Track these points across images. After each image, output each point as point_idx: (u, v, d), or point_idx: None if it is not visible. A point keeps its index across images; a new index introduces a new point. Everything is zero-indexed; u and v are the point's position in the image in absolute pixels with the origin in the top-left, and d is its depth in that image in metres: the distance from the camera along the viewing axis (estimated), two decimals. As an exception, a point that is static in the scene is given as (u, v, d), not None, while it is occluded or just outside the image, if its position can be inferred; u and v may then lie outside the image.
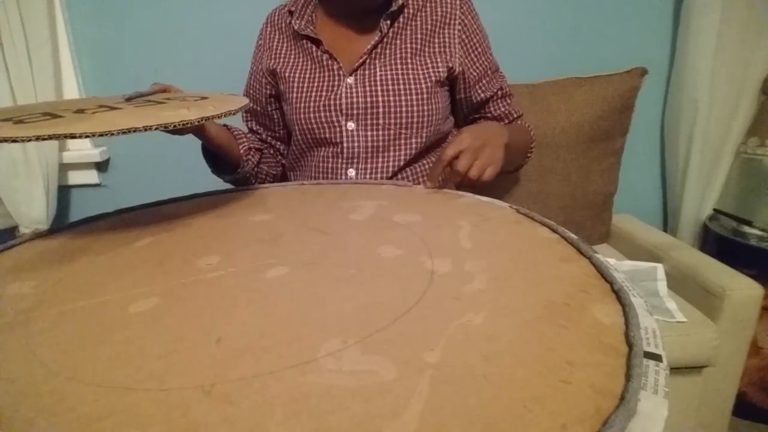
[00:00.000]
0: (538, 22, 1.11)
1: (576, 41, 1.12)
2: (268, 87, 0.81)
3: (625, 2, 1.10)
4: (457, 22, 0.74)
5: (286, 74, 0.77)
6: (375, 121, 0.73)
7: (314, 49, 0.76)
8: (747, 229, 1.02)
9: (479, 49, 0.77)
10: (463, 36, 0.75)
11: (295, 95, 0.76)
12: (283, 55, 0.78)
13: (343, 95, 0.73)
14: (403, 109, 0.72)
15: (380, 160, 0.75)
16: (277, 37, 0.80)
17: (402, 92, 0.72)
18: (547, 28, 1.12)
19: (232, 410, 0.23)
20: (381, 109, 0.72)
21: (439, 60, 0.74)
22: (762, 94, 1.07)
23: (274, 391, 0.25)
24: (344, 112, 0.73)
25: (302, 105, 0.75)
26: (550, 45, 1.12)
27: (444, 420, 0.22)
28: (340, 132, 0.74)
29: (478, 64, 0.77)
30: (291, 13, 0.77)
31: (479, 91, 0.79)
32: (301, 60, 0.77)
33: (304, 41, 0.76)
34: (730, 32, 1.02)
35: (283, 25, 0.80)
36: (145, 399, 0.24)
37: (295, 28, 0.75)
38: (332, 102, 0.73)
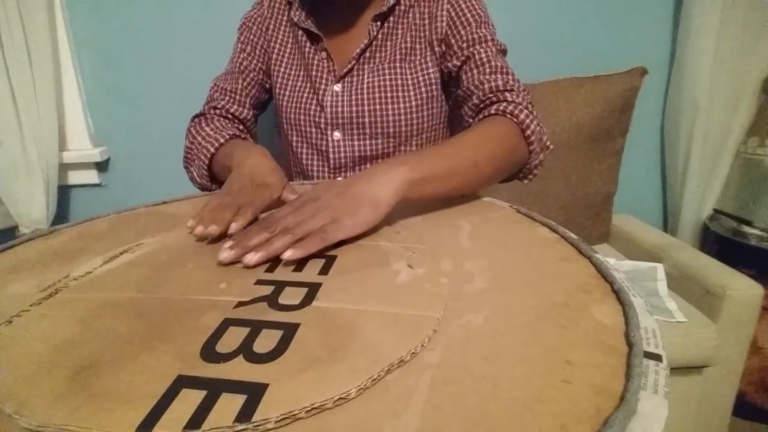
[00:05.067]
0: (537, 23, 1.11)
1: (576, 41, 1.12)
2: (263, 68, 0.77)
3: (625, 2, 1.10)
4: (445, 2, 0.68)
5: (276, 69, 0.75)
6: (361, 131, 0.70)
7: (308, 45, 0.73)
8: (747, 229, 1.02)
9: (462, 18, 0.67)
10: (452, 12, 0.68)
11: (283, 93, 0.74)
12: (278, 43, 0.75)
13: (329, 104, 0.70)
14: (390, 119, 0.69)
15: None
16: (274, 19, 0.76)
17: (390, 101, 0.68)
18: (547, 28, 1.12)
19: None
20: (367, 119, 0.69)
21: (429, 59, 0.69)
22: (762, 93, 1.07)
23: (274, 391, 0.24)
24: (330, 121, 0.70)
25: (292, 106, 0.73)
26: (550, 45, 1.12)
27: (444, 420, 0.22)
28: (326, 141, 0.72)
29: (462, 33, 0.67)
30: (290, 3, 0.74)
31: (454, 59, 0.67)
32: (294, 56, 0.74)
33: (300, 33, 0.73)
34: (730, 32, 1.02)
35: (280, 6, 0.76)
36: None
37: (295, 20, 0.72)
38: (318, 110, 0.71)
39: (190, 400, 0.24)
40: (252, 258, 0.39)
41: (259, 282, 0.37)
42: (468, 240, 0.44)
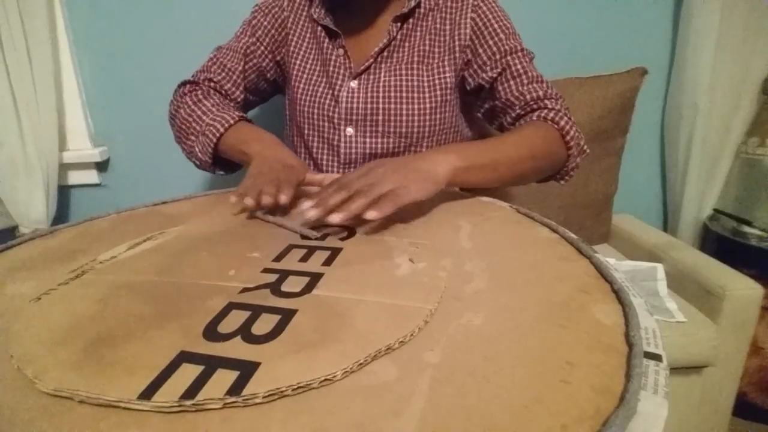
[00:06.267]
0: (538, 23, 1.11)
1: (576, 41, 1.12)
2: (269, 56, 0.77)
3: (625, 2, 1.10)
4: (469, 10, 0.69)
5: (293, 61, 0.76)
6: (374, 129, 0.71)
7: (326, 41, 0.74)
8: (747, 229, 1.02)
9: (490, 29, 0.69)
10: (477, 21, 0.69)
11: (298, 85, 0.75)
12: (296, 35, 0.76)
13: (344, 100, 0.71)
14: (404, 118, 0.70)
15: None
16: (294, 12, 0.77)
17: (404, 100, 0.69)
18: (547, 29, 1.12)
19: (232, 410, 0.23)
20: (381, 117, 0.70)
21: (446, 64, 0.71)
22: (762, 94, 1.07)
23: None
24: (343, 116, 0.71)
25: (307, 98, 0.74)
26: (550, 45, 1.12)
27: (444, 420, 0.22)
28: (338, 136, 0.72)
29: (490, 43, 0.68)
30: (311, 0, 0.75)
31: (488, 71, 0.68)
32: (312, 50, 0.75)
33: (319, 29, 0.74)
34: (730, 32, 1.02)
35: (300, 1, 0.77)
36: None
37: (315, 16, 0.73)
38: (332, 105, 0.72)
39: (188, 373, 0.26)
40: (336, 218, 0.44)
41: (266, 270, 0.39)
42: (468, 240, 0.44)
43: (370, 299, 0.33)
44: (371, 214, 0.43)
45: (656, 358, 0.25)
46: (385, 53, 0.72)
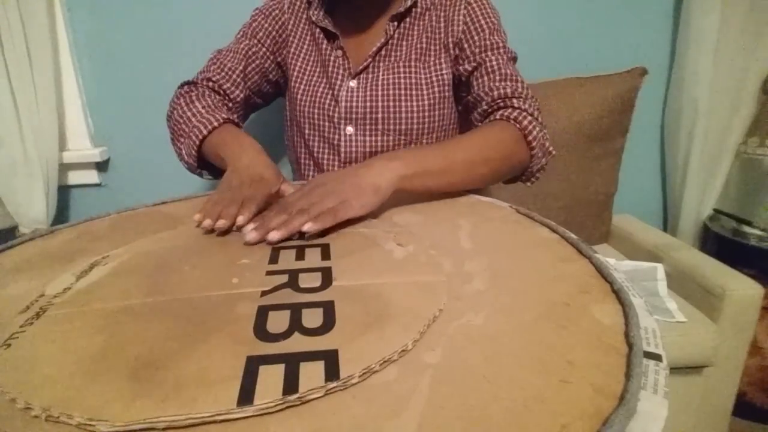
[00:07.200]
0: (537, 23, 1.11)
1: (576, 41, 1.12)
2: (271, 57, 0.77)
3: (625, 2, 1.10)
4: (462, 7, 0.71)
5: (293, 63, 0.76)
6: (374, 127, 0.72)
7: (325, 42, 0.74)
8: (747, 229, 1.02)
9: (477, 24, 0.70)
10: (467, 18, 0.71)
11: (298, 87, 0.75)
12: (296, 38, 0.77)
13: (344, 99, 0.72)
14: (403, 116, 0.70)
15: None
16: (294, 15, 0.77)
17: (403, 98, 0.70)
18: (547, 28, 1.12)
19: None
20: (380, 115, 0.71)
21: (443, 61, 0.72)
22: (762, 93, 1.07)
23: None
24: (343, 115, 0.72)
25: (307, 99, 0.74)
26: (550, 45, 1.12)
27: (444, 420, 0.22)
28: (339, 135, 0.73)
29: (476, 38, 0.70)
30: (309, 3, 0.76)
31: (466, 64, 0.70)
32: (311, 52, 0.76)
33: (317, 31, 0.75)
34: (730, 32, 1.02)
35: (300, 4, 0.77)
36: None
37: (313, 19, 0.74)
38: (332, 105, 0.72)
39: (272, 373, 0.25)
40: (275, 235, 0.43)
41: (270, 273, 0.38)
42: (468, 240, 0.44)
43: (390, 281, 0.35)
44: (308, 227, 0.43)
45: (656, 358, 0.25)
46: (383, 52, 0.72)
